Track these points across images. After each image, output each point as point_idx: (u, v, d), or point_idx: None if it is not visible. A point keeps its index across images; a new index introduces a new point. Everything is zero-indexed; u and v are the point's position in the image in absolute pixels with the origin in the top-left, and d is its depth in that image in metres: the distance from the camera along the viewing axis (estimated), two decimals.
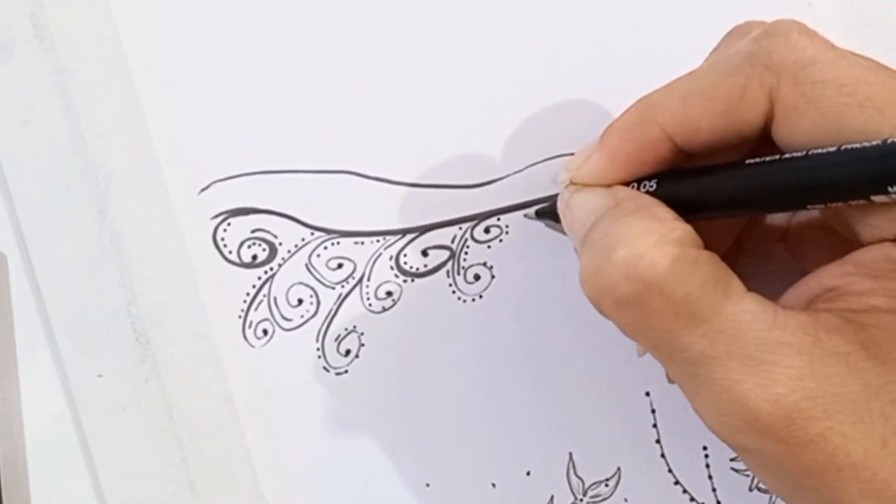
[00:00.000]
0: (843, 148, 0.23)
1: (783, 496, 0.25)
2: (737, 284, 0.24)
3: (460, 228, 0.33)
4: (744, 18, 0.34)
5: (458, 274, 0.33)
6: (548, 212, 0.32)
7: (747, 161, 0.25)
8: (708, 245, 0.24)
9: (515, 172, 0.33)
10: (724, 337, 0.23)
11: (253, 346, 0.32)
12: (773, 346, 0.23)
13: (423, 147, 0.33)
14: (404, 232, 0.33)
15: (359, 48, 0.33)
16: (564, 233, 0.29)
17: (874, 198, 0.23)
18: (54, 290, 0.31)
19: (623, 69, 0.34)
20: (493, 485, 0.33)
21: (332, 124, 0.32)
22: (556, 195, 0.30)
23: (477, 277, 0.33)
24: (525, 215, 0.33)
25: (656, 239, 0.24)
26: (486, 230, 0.33)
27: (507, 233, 0.33)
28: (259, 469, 0.32)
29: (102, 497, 0.32)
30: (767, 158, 0.25)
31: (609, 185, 0.27)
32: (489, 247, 0.33)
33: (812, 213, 0.29)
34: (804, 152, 0.24)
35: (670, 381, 0.33)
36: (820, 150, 0.23)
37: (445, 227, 0.33)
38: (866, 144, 0.23)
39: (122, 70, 0.32)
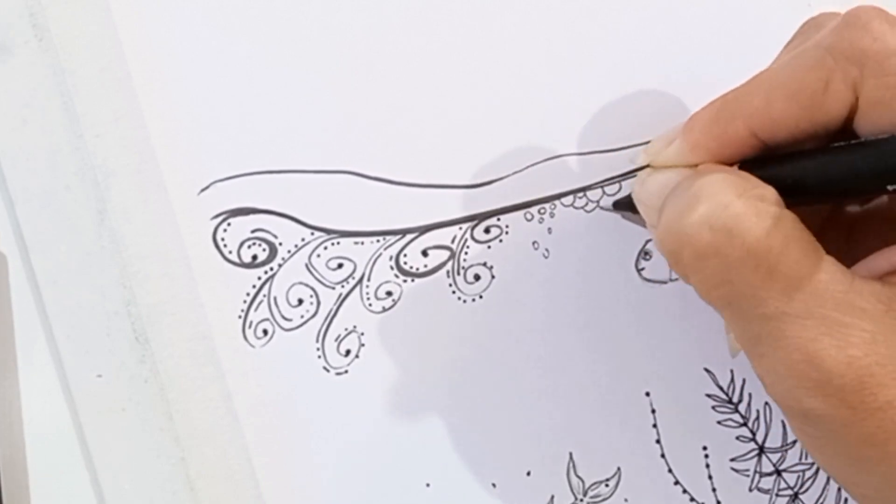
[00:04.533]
0: None
1: (837, 472, 0.24)
2: (817, 246, 0.24)
3: (460, 228, 0.33)
4: (744, 19, 0.34)
5: (459, 274, 0.33)
6: (626, 202, 0.32)
7: (833, 144, 0.25)
8: None
9: (515, 172, 0.33)
10: (802, 295, 0.23)
11: (253, 347, 0.32)
12: (849, 309, 0.23)
13: (423, 147, 0.33)
14: (404, 232, 0.33)
15: (359, 48, 0.33)
16: (641, 224, 0.29)
17: None
18: (54, 290, 0.31)
19: (623, 69, 0.34)
20: (494, 485, 0.33)
21: (332, 124, 0.32)
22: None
23: (477, 277, 0.33)
24: (601, 207, 0.33)
25: (741, 192, 0.24)
26: (487, 230, 0.33)
27: (507, 233, 0.33)
28: (258, 469, 0.32)
29: (102, 497, 0.32)
30: (853, 142, 0.24)
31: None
32: (489, 247, 0.33)
33: (876, 201, 0.29)
34: (889, 135, 0.24)
35: (732, 353, 0.32)
36: None
37: (445, 227, 0.33)
38: None
39: (122, 70, 0.32)
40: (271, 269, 0.32)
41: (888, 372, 0.22)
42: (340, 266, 0.33)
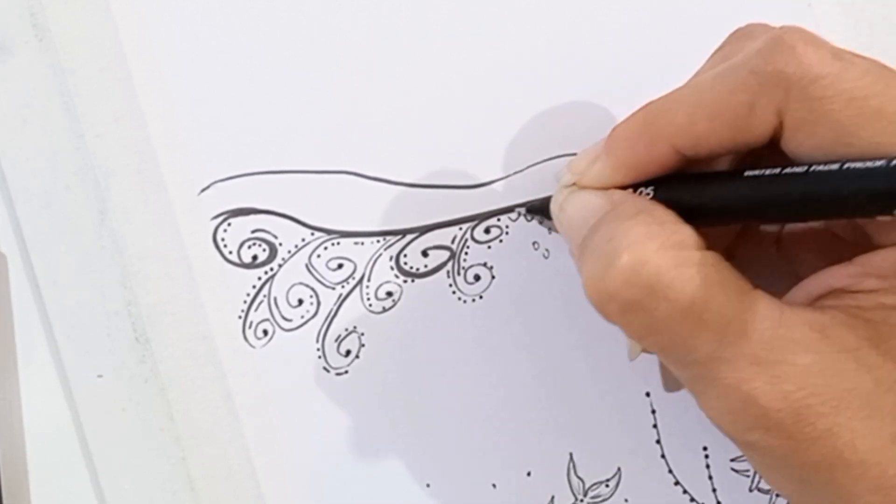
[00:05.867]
0: (846, 167, 0.23)
1: (790, 496, 0.25)
2: (742, 283, 0.24)
3: (460, 229, 0.33)
4: (744, 19, 0.34)
5: (459, 274, 0.33)
6: (539, 209, 0.32)
7: (746, 173, 0.25)
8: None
9: (515, 172, 0.33)
10: (731, 338, 0.23)
11: (253, 347, 0.32)
12: (780, 344, 0.23)
13: (423, 147, 0.33)
14: (404, 232, 0.33)
15: (359, 48, 0.33)
16: (556, 230, 0.29)
17: (879, 217, 0.22)
18: (54, 290, 0.31)
19: (623, 69, 0.34)
20: (494, 485, 0.33)
21: (332, 124, 0.32)
22: (549, 196, 0.30)
23: (477, 278, 0.33)
24: (517, 212, 0.33)
25: (659, 243, 0.24)
26: (487, 230, 0.33)
27: (507, 233, 0.33)
28: (259, 469, 0.32)
29: (102, 497, 0.32)
30: (767, 172, 0.24)
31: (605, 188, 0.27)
32: (489, 247, 0.33)
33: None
34: (805, 168, 0.23)
35: (668, 389, 0.33)
36: (822, 168, 0.23)
37: (446, 228, 0.33)
38: (870, 164, 0.22)
39: (122, 70, 0.32)
40: (271, 269, 0.32)
41: (825, 401, 0.22)
42: (340, 266, 0.33)
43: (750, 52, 0.25)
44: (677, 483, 0.34)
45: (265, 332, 0.32)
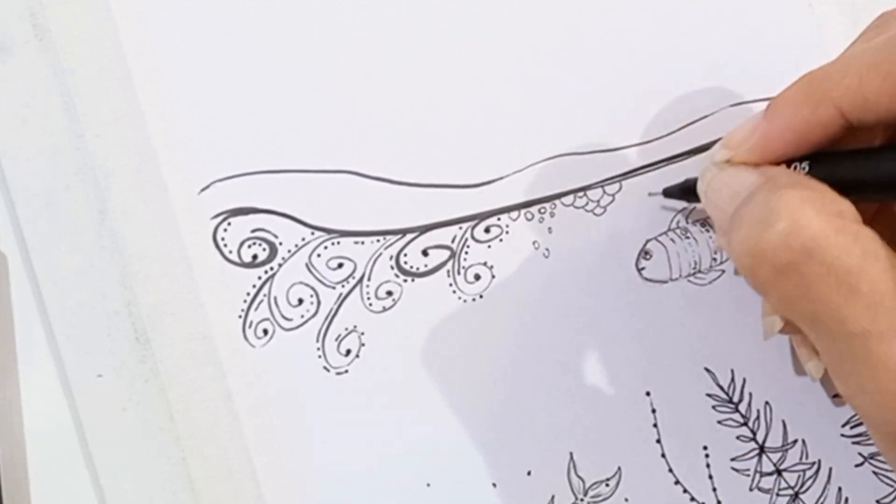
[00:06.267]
0: None
1: None
2: None
3: (460, 228, 0.33)
4: (744, 18, 0.34)
5: (459, 274, 0.33)
6: (678, 191, 0.32)
7: None
8: None
9: (515, 172, 0.33)
10: (886, 312, 0.23)
11: (253, 346, 0.32)
12: None
13: (423, 147, 0.33)
14: (404, 232, 0.33)
15: (359, 48, 0.33)
16: (676, 209, 0.28)
17: None
18: (54, 290, 0.31)
19: (623, 69, 0.34)
20: (494, 485, 0.33)
21: (333, 124, 0.32)
22: (685, 180, 0.29)
23: (477, 277, 0.33)
24: (650, 194, 0.33)
25: (818, 209, 0.23)
26: (487, 230, 0.33)
27: (507, 233, 0.33)
28: (259, 469, 0.32)
29: (102, 497, 0.32)
30: None
31: (759, 164, 0.27)
32: (489, 246, 0.33)
33: None
34: None
35: (798, 370, 0.32)
36: None
37: (446, 227, 0.33)
38: None
39: (122, 70, 0.32)
40: (271, 268, 0.32)
41: None
42: (341, 266, 0.33)
43: None
44: (677, 482, 0.34)
45: (265, 332, 0.32)
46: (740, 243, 0.24)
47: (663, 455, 0.34)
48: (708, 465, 0.34)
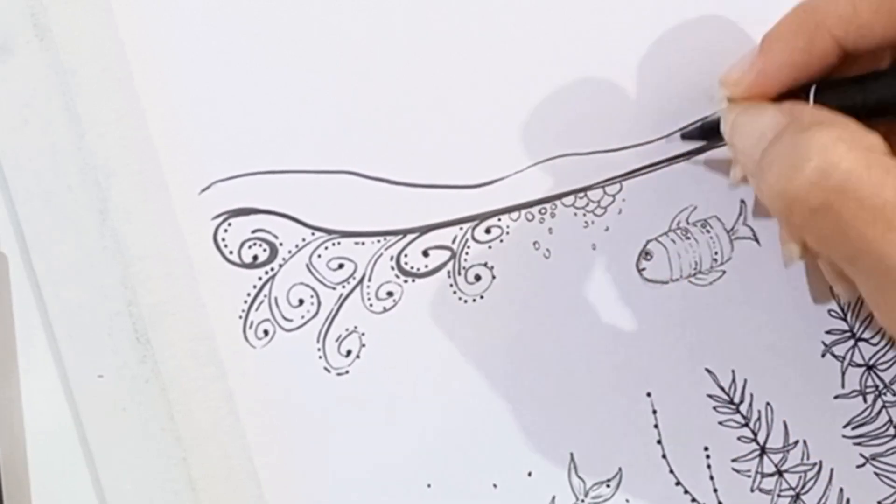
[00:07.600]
0: None
1: None
2: None
3: (461, 229, 0.33)
4: (740, 16, 0.34)
5: (459, 274, 0.33)
6: (697, 134, 0.32)
7: None
8: None
9: (515, 172, 0.33)
10: None
11: (254, 347, 0.32)
12: None
13: (423, 147, 0.33)
14: (405, 232, 0.33)
15: (359, 48, 0.33)
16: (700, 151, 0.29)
17: None
18: (54, 291, 0.31)
19: (624, 69, 0.34)
20: (495, 485, 0.33)
21: (332, 124, 0.32)
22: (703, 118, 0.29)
23: (478, 278, 0.33)
24: (668, 139, 0.33)
25: (849, 145, 0.23)
26: (487, 230, 0.33)
27: (507, 233, 0.33)
28: (260, 469, 0.32)
29: (103, 497, 0.32)
30: None
31: (772, 100, 0.27)
32: (490, 247, 0.33)
33: None
34: None
35: (841, 304, 0.32)
36: None
37: (446, 228, 0.33)
38: None
39: (123, 70, 0.32)
40: (272, 269, 0.32)
41: None
42: (341, 266, 0.33)
43: None
44: (678, 483, 0.34)
45: (266, 332, 0.32)
46: (771, 187, 0.24)
47: (664, 456, 0.34)
48: (709, 466, 0.34)
